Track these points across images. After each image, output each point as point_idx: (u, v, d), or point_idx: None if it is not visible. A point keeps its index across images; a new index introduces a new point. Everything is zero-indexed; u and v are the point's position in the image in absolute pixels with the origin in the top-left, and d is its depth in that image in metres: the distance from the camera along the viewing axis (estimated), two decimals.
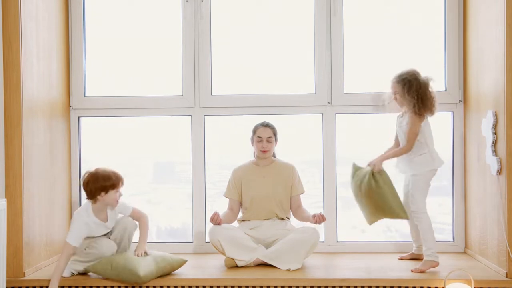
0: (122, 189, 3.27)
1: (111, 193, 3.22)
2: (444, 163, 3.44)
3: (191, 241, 3.98)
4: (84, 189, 3.24)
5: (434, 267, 3.31)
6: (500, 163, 3.24)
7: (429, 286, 3.15)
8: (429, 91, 3.38)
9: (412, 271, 3.30)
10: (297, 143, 4.04)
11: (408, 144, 3.37)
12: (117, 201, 3.26)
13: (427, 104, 3.36)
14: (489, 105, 3.39)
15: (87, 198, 3.25)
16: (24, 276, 3.30)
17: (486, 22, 3.45)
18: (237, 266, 3.43)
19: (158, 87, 4.04)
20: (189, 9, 3.95)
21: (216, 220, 3.51)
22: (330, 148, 3.92)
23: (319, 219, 3.47)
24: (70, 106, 3.98)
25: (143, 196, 4.17)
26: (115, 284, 3.22)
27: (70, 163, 3.98)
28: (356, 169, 3.48)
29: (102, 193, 3.21)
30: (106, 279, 3.20)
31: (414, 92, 3.34)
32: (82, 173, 3.98)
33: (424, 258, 3.34)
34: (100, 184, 3.19)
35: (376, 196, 3.34)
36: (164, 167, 3.72)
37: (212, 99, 3.97)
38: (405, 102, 3.39)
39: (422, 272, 3.28)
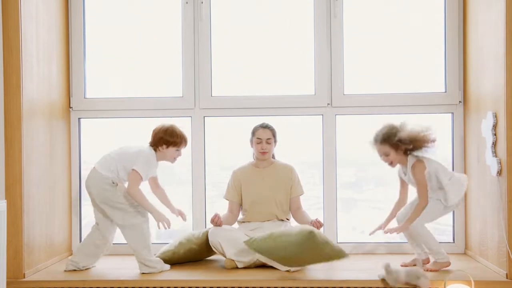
0: (183, 150, 3.47)
1: (171, 149, 3.40)
2: (458, 203, 3.34)
3: None
4: (153, 135, 3.43)
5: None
6: (500, 164, 3.24)
7: (429, 287, 3.14)
8: (412, 132, 3.27)
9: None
10: (296, 144, 4.04)
11: (423, 199, 3.29)
12: (175, 158, 3.45)
13: (420, 144, 3.27)
14: (489, 106, 3.39)
15: (150, 144, 3.43)
16: (24, 278, 3.30)
17: (486, 22, 3.45)
18: (237, 267, 3.42)
19: (158, 89, 4.04)
20: (189, 10, 3.96)
21: (216, 221, 3.51)
22: (330, 149, 3.92)
23: (316, 225, 3.46)
24: (70, 107, 3.98)
25: None
26: (115, 285, 3.23)
27: (70, 164, 3.98)
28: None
29: (164, 146, 3.39)
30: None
31: (402, 144, 3.27)
32: (83, 176, 4.01)
33: (434, 261, 3.35)
34: (166, 138, 3.38)
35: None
36: (164, 168, 3.73)
37: (212, 101, 3.97)
38: (399, 157, 3.32)
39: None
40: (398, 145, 3.28)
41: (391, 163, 3.35)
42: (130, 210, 3.36)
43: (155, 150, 3.42)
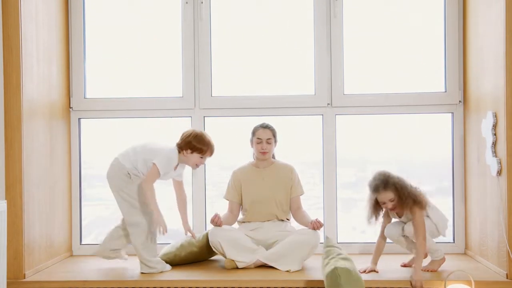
0: (207, 160, 3.46)
1: (195, 155, 3.39)
2: (446, 228, 3.37)
3: None
4: (182, 137, 3.43)
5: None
6: (500, 164, 3.24)
7: (429, 287, 3.14)
8: (411, 185, 3.25)
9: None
10: (296, 144, 4.04)
11: (422, 239, 3.19)
12: (197, 165, 3.44)
13: (419, 201, 3.22)
14: (489, 106, 3.39)
15: (177, 145, 3.41)
16: (24, 278, 3.30)
17: (486, 22, 3.45)
18: (237, 268, 3.42)
19: (158, 89, 4.04)
20: (189, 10, 3.96)
21: (216, 222, 3.51)
22: (330, 149, 3.92)
23: (316, 225, 3.47)
24: (70, 107, 3.98)
25: None
26: (115, 285, 3.24)
27: (70, 164, 3.98)
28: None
29: (189, 151, 3.37)
30: None
31: (407, 189, 3.21)
32: (83, 176, 4.01)
33: (432, 259, 3.36)
34: (193, 143, 3.37)
35: None
36: None
37: (212, 101, 3.97)
38: (403, 205, 3.23)
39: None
40: (402, 192, 3.21)
41: (394, 208, 3.27)
42: (137, 207, 3.37)
43: (179, 152, 3.41)
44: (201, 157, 3.42)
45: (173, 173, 3.45)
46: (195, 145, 3.38)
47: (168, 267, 3.44)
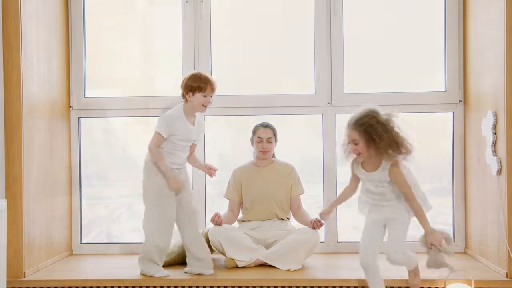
0: (212, 96, 3.31)
1: (198, 95, 3.26)
2: (432, 208, 3.04)
3: None
4: (181, 84, 3.31)
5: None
6: (500, 163, 3.24)
7: (429, 286, 3.15)
8: (395, 130, 2.88)
9: None
10: (296, 144, 4.04)
11: (414, 201, 2.92)
12: (204, 106, 3.30)
13: (400, 147, 2.86)
14: (489, 105, 3.39)
15: (181, 95, 3.31)
16: (24, 277, 3.30)
17: (486, 22, 3.45)
18: (237, 267, 3.43)
19: (158, 88, 4.04)
20: (189, 9, 3.95)
21: (217, 221, 3.51)
22: (330, 148, 3.92)
23: (316, 225, 3.47)
24: (70, 106, 3.98)
25: None
26: (115, 285, 3.24)
27: (70, 163, 3.98)
28: None
29: (190, 93, 3.27)
30: None
31: (381, 138, 2.84)
32: (83, 175, 4.01)
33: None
34: (190, 84, 3.26)
35: None
36: None
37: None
38: (369, 152, 2.90)
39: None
40: (373, 138, 2.86)
41: (359, 155, 2.93)
42: (147, 201, 3.32)
43: (185, 101, 3.29)
44: (204, 96, 3.27)
45: (192, 128, 3.30)
46: (192, 85, 3.26)
47: (163, 274, 3.30)
